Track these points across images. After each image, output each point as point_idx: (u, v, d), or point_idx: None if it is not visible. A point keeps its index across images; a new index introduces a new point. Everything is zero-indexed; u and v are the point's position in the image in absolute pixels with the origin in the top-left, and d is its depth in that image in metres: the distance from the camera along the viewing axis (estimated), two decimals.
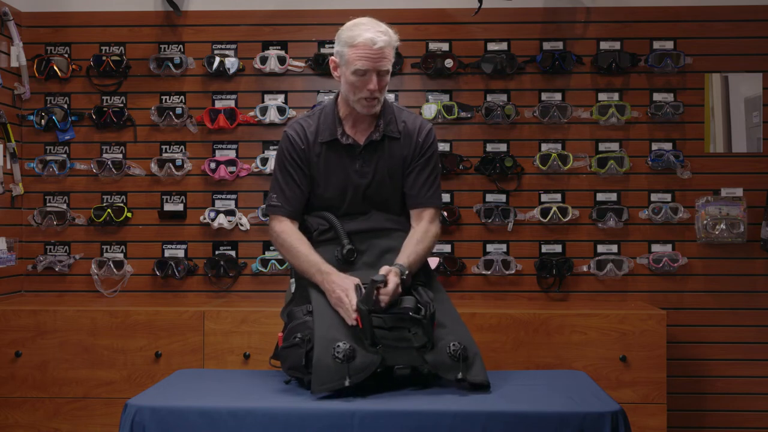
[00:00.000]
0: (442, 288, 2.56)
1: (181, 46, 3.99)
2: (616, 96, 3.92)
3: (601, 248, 3.91)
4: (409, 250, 2.49)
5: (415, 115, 2.69)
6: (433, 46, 3.96)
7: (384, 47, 2.45)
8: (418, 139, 2.62)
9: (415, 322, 2.28)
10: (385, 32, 2.47)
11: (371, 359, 2.22)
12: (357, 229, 2.55)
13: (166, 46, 4.00)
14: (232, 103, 3.97)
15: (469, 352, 2.28)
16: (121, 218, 3.93)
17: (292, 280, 2.64)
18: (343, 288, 2.35)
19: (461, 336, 2.31)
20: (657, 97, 3.91)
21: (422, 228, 2.58)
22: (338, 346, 2.21)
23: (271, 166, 3.89)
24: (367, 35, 2.45)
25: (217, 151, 3.98)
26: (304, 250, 2.51)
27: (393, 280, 2.33)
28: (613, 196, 3.92)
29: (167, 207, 3.98)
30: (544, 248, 3.92)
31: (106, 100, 4.00)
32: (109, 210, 3.93)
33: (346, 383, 2.17)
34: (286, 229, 2.57)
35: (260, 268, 3.90)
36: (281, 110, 3.92)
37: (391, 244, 2.54)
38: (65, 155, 3.98)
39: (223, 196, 3.97)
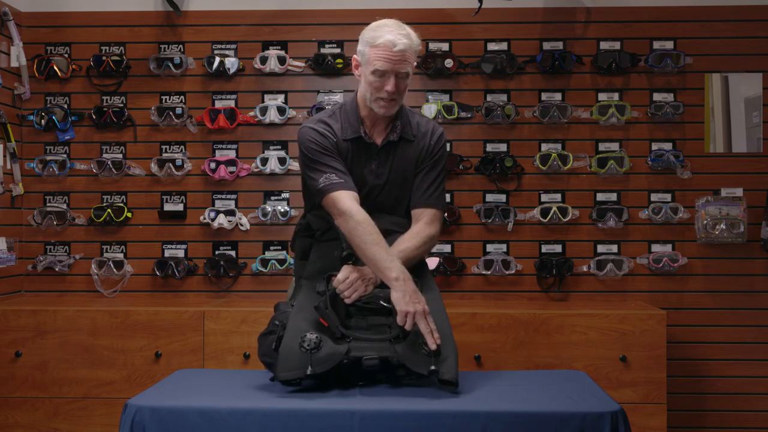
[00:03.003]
0: (435, 287, 2.53)
1: (181, 46, 4.00)
2: (616, 96, 3.92)
3: (601, 248, 3.91)
4: (395, 248, 2.47)
5: (427, 119, 2.71)
6: (433, 46, 3.96)
7: (404, 50, 2.45)
8: (430, 141, 2.62)
9: (387, 311, 2.30)
10: (407, 36, 2.48)
11: (336, 349, 2.23)
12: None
13: (166, 46, 4.01)
14: (232, 103, 3.97)
15: (444, 349, 2.26)
16: (121, 218, 3.93)
17: (294, 278, 2.65)
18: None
19: (441, 333, 2.29)
20: (657, 97, 3.91)
21: (416, 228, 2.56)
22: (306, 336, 2.23)
23: (271, 166, 3.90)
24: (388, 37, 2.45)
25: (217, 151, 3.98)
26: (377, 244, 2.38)
27: (345, 270, 2.36)
28: (613, 196, 3.92)
29: (167, 207, 3.98)
30: (544, 248, 3.92)
31: (106, 100, 4.00)
32: (109, 210, 3.93)
33: (308, 371, 2.19)
34: (361, 214, 2.42)
35: (260, 268, 3.90)
36: (281, 110, 3.92)
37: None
38: (65, 155, 3.98)
39: (223, 196, 3.97)
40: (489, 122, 3.92)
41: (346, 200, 2.44)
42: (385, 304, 2.31)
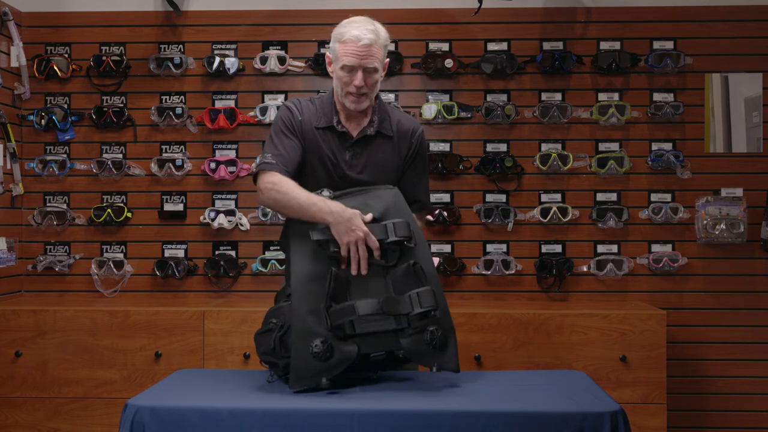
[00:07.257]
0: (425, 242, 2.45)
1: (181, 46, 4.00)
2: (616, 96, 3.92)
3: (601, 248, 3.91)
4: None
5: (407, 116, 2.74)
6: (433, 46, 3.96)
7: (370, 45, 2.48)
8: (412, 140, 2.65)
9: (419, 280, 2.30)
10: (374, 31, 2.50)
11: (347, 353, 2.24)
12: (342, 193, 2.49)
13: (166, 46, 4.00)
14: (232, 103, 3.97)
15: (448, 339, 2.29)
16: (121, 218, 3.93)
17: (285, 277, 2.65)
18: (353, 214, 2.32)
19: (441, 318, 2.29)
20: (657, 97, 3.91)
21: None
22: (316, 344, 2.22)
23: None
24: (354, 32, 2.49)
25: (217, 151, 3.98)
26: (304, 192, 2.40)
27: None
28: (613, 196, 3.92)
29: (167, 207, 3.98)
30: (544, 248, 3.92)
31: (106, 100, 4.00)
32: (109, 210, 3.93)
33: (323, 381, 2.20)
34: (283, 179, 2.46)
35: (260, 268, 3.90)
36: None
37: (378, 193, 2.47)
38: (65, 155, 3.98)
39: (223, 196, 3.97)
40: (489, 122, 3.92)
41: (272, 175, 2.46)
42: (408, 244, 2.33)
